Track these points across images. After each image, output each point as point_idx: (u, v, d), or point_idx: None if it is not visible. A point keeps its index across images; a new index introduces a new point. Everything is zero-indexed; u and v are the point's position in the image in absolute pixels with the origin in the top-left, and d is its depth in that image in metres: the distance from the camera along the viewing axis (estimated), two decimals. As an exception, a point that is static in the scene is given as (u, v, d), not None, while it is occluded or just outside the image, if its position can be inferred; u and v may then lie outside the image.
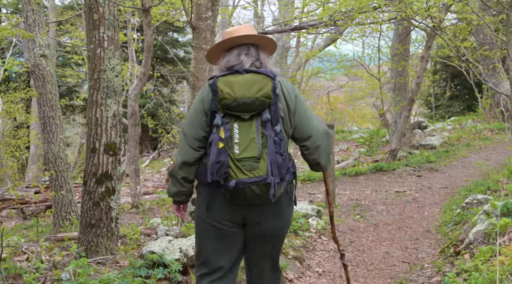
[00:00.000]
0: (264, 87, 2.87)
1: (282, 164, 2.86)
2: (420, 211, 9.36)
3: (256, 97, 2.84)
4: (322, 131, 3.09)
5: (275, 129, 2.88)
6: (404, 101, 14.08)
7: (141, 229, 7.33)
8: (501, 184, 9.93)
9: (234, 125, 2.86)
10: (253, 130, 2.85)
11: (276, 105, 2.93)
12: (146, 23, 10.21)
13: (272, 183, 2.79)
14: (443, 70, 24.77)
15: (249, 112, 2.87)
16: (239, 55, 3.08)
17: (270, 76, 2.92)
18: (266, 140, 2.84)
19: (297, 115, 3.04)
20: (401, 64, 13.98)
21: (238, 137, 2.83)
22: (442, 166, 12.99)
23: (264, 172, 2.79)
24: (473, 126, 17.68)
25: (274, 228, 3.10)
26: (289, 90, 3.05)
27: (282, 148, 2.88)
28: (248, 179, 2.78)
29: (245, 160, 2.80)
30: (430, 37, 12.48)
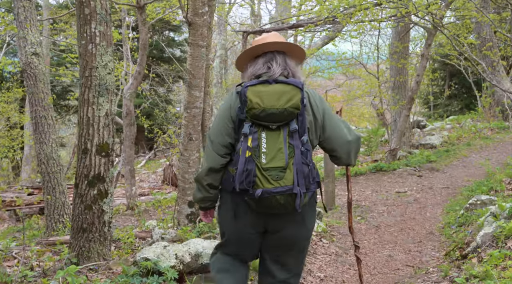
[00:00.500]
0: (293, 98, 2.88)
1: (308, 174, 2.88)
2: (422, 212, 9.15)
3: (284, 108, 2.85)
4: (353, 139, 3.12)
5: (302, 139, 2.90)
6: (403, 100, 13.86)
7: (136, 232, 7.10)
8: (504, 184, 9.73)
9: (262, 134, 2.88)
10: (281, 140, 2.87)
11: (304, 115, 2.95)
12: (141, 20, 9.97)
13: (298, 193, 2.82)
14: (441, 68, 24.58)
15: (277, 122, 2.89)
16: (266, 63, 3.12)
17: (299, 87, 2.92)
18: (293, 150, 2.86)
19: (326, 128, 3.08)
20: (401, 62, 13.74)
21: (265, 146, 2.86)
22: (443, 166, 12.78)
23: (290, 182, 2.81)
24: (473, 125, 17.46)
25: (294, 237, 3.13)
26: (317, 102, 3.08)
27: (309, 158, 2.90)
28: (274, 189, 2.80)
29: (272, 169, 2.82)
30: (430, 35, 12.27)
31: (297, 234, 3.12)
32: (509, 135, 15.99)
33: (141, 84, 17.31)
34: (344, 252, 6.81)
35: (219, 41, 17.23)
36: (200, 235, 6.25)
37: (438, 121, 22.20)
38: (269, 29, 13.66)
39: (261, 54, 3.18)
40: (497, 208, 5.98)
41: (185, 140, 6.50)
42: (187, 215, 6.65)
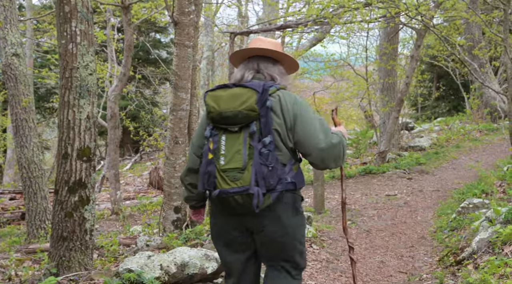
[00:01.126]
0: (248, 100, 2.91)
1: (268, 175, 2.89)
2: (413, 216, 9.00)
3: (238, 110, 2.89)
4: (325, 145, 3.03)
5: (263, 141, 2.91)
6: (392, 101, 13.73)
7: (120, 239, 6.86)
8: (495, 187, 9.61)
9: (222, 137, 2.95)
10: (240, 142, 2.91)
11: (268, 117, 2.95)
12: (126, 21, 9.74)
13: (255, 194, 2.84)
14: (429, 70, 24.52)
15: (236, 124, 2.93)
16: (242, 70, 3.20)
17: (256, 89, 2.93)
18: (252, 152, 2.89)
19: (297, 131, 3.03)
20: (390, 63, 13.59)
21: (224, 148, 2.92)
22: (432, 168, 12.66)
23: (247, 183, 2.85)
24: (461, 127, 17.36)
25: (274, 235, 3.09)
26: (289, 105, 3.04)
27: (270, 160, 2.90)
28: (231, 189, 2.85)
29: (230, 170, 2.88)
30: (419, 36, 12.14)
31: (276, 233, 3.08)
32: (498, 137, 15.90)
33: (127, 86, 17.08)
34: (335, 259, 6.62)
35: (206, 43, 17.01)
36: (187, 242, 6.05)
37: (426, 123, 22.11)
38: (257, 30, 13.48)
39: (250, 57, 3.24)
40: (492, 213, 5.82)
41: (171, 143, 6.29)
42: (173, 221, 6.44)
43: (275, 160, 2.92)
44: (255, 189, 2.84)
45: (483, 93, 18.30)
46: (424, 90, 24.50)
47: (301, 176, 3.16)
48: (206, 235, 6.47)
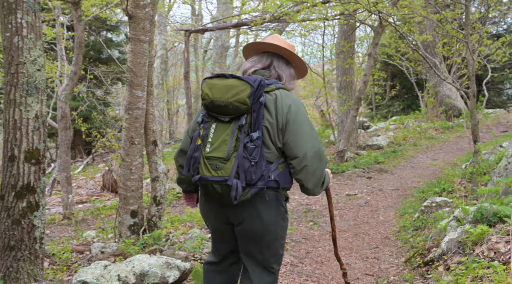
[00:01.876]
0: (240, 93, 2.91)
1: (250, 170, 2.89)
2: (374, 216, 8.87)
3: (230, 101, 2.91)
4: (313, 153, 3.04)
5: (251, 135, 2.92)
6: (350, 100, 13.64)
7: (73, 245, 6.46)
8: (456, 185, 9.57)
9: (212, 125, 2.99)
10: (228, 132, 2.93)
11: (259, 113, 2.96)
12: (76, 17, 9.30)
13: (233, 186, 2.85)
14: (383, 69, 24.57)
15: (227, 115, 2.95)
16: (253, 62, 3.28)
17: (251, 84, 2.93)
18: (238, 144, 2.90)
19: (287, 133, 3.03)
20: (348, 61, 13.49)
21: (212, 136, 2.95)
22: (391, 167, 12.61)
23: (227, 173, 2.86)
24: (417, 126, 17.42)
25: (252, 230, 3.12)
26: (285, 107, 3.03)
27: (254, 155, 2.90)
28: (211, 177, 2.88)
29: (213, 159, 2.90)
30: (377, 34, 12.06)
31: (255, 229, 3.10)
32: (453, 135, 16.04)
33: (78, 86, 16.53)
34: (300, 262, 6.40)
35: (160, 41, 16.56)
36: (145, 248, 5.72)
37: (382, 121, 22.20)
38: (212, 27, 13.21)
39: (265, 52, 3.31)
40: (460, 212, 5.70)
41: (127, 144, 5.94)
42: (129, 226, 6.09)
43: (259, 156, 2.93)
44: (234, 181, 2.85)
45: (438, 92, 18.44)
46: (378, 89, 24.66)
47: (288, 177, 3.14)
48: (165, 240, 6.16)
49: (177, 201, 10.79)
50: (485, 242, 4.80)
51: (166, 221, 8.34)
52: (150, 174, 6.50)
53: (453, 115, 18.31)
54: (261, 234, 3.13)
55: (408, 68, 20.64)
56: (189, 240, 6.25)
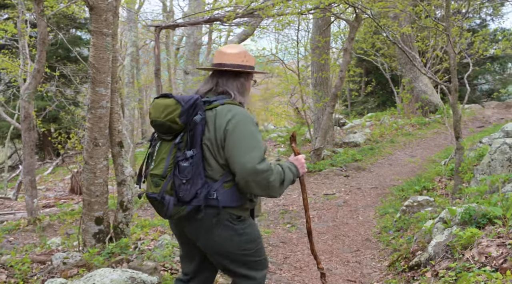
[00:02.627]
0: (172, 112, 2.97)
1: (181, 187, 2.91)
2: (354, 216, 8.56)
3: (163, 120, 2.99)
4: (250, 168, 2.91)
5: (185, 153, 2.95)
6: (326, 97, 13.32)
7: (33, 255, 5.99)
8: (436, 182, 9.31)
9: (157, 143, 3.09)
10: (166, 150, 3.01)
11: (195, 130, 2.97)
12: (38, 12, 8.77)
13: (165, 202, 2.94)
14: (357, 65, 24.37)
15: (165, 133, 3.04)
16: (201, 85, 3.28)
17: (181, 103, 2.98)
18: (174, 162, 2.96)
19: (225, 149, 3.00)
20: (323, 57, 13.15)
21: (156, 154, 3.06)
22: (368, 165, 12.32)
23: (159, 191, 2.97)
24: (394, 122, 17.17)
25: (209, 246, 3.15)
26: (223, 122, 3.00)
27: (186, 173, 2.92)
28: (151, 194, 3.00)
29: (154, 176, 3.00)
30: (352, 28, 11.75)
31: (208, 244, 3.13)
32: (430, 131, 15.83)
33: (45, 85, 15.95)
34: (278, 268, 6.05)
35: (130, 38, 16.11)
36: (110, 258, 5.30)
37: (357, 118, 21.96)
38: (184, 23, 12.77)
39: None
40: (447, 213, 5.38)
41: (90, 146, 5.49)
42: (94, 234, 5.66)
43: (192, 174, 2.93)
44: (166, 198, 2.94)
45: (414, 87, 18.22)
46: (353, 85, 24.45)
47: (234, 195, 3.05)
48: (133, 248, 5.75)
49: (149, 203, 10.34)
50: (476, 246, 4.49)
51: (136, 226, 7.94)
52: (116, 177, 6.07)
53: (429, 111, 18.10)
54: (218, 251, 3.16)
55: (383, 64, 20.43)
56: (159, 247, 5.85)
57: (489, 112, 18.99)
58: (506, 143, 7.26)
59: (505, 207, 5.00)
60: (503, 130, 9.97)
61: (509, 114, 18.81)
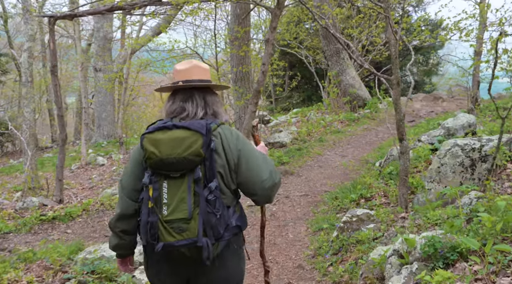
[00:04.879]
0: (193, 145, 2.65)
1: (217, 223, 2.67)
2: (283, 233, 7.33)
3: (183, 156, 2.63)
4: (271, 185, 2.79)
5: (209, 186, 2.66)
6: (248, 93, 12.04)
7: None
8: (374, 189, 8.19)
9: (164, 183, 2.68)
10: (184, 189, 2.65)
11: (212, 160, 2.71)
12: None
13: (204, 246, 2.62)
14: (281, 58, 23.23)
15: (179, 171, 2.66)
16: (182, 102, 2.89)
17: (201, 132, 2.67)
18: (198, 199, 2.64)
19: (240, 172, 2.80)
20: (243, 49, 11.81)
21: (166, 197, 2.66)
22: (297, 168, 11.11)
23: (195, 234, 2.62)
24: (321, 118, 16.00)
25: (216, 280, 2.86)
26: (231, 144, 2.80)
27: (217, 207, 2.68)
28: (177, 242, 2.61)
29: (174, 221, 2.62)
30: (275, 17, 10.47)
31: (218, 277, 2.85)
32: (360, 127, 14.80)
33: None
34: None
35: (27, 32, 14.23)
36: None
37: (282, 114, 20.84)
38: (82, 12, 11.21)
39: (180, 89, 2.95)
40: (402, 244, 4.16)
41: None
42: None
43: (222, 206, 2.71)
44: (204, 241, 2.62)
45: (341, 81, 17.19)
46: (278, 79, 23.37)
47: (245, 217, 2.94)
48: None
49: (40, 225, 8.70)
50: (448, 294, 3.30)
51: (17, 258, 6.38)
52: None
53: (358, 106, 17.14)
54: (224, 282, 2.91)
55: (307, 57, 19.40)
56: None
57: (417, 105, 18.30)
58: (457, 144, 6.18)
59: (479, 235, 3.85)
60: (443, 127, 9.01)
61: (437, 106, 18.21)
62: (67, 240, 7.98)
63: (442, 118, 13.41)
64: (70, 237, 8.15)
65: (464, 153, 6.06)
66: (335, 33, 6.42)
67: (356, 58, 6.33)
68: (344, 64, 17.14)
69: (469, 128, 8.87)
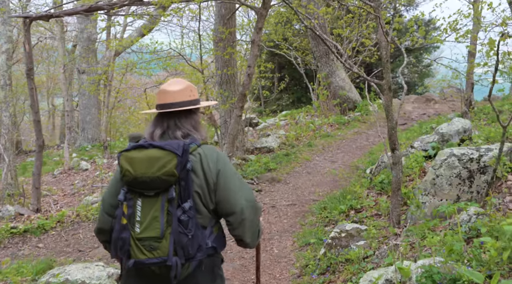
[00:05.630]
0: (167, 165, 2.60)
1: (188, 244, 2.60)
2: (267, 247, 6.87)
3: (157, 175, 2.59)
4: (249, 205, 2.76)
5: (183, 206, 2.62)
6: (234, 96, 11.54)
7: None
8: (365, 199, 7.73)
9: (138, 201, 2.64)
10: (157, 208, 2.61)
11: (188, 180, 2.65)
12: None
13: (173, 265, 2.57)
14: (269, 60, 22.72)
15: (153, 189, 2.62)
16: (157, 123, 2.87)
17: (176, 152, 2.62)
18: (171, 218, 2.60)
19: (218, 191, 2.74)
20: (228, 51, 11.31)
21: (140, 215, 2.64)
22: (284, 175, 10.63)
23: (165, 253, 2.57)
24: (310, 122, 15.48)
25: None
26: (211, 164, 2.76)
27: (190, 227, 2.62)
28: (147, 260, 2.58)
29: (146, 239, 2.59)
30: (260, 17, 10.00)
31: None
32: (350, 131, 14.34)
33: None
34: None
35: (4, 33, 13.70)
36: None
37: (271, 117, 20.35)
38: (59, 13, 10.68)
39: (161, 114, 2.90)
40: (396, 273, 3.69)
41: None
42: None
43: (195, 227, 2.64)
44: (174, 260, 2.56)
45: (331, 82, 16.71)
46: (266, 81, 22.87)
47: (222, 239, 2.84)
48: None
49: (11, 239, 8.14)
50: None
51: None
52: None
53: (348, 108, 16.67)
54: None
55: (296, 58, 18.92)
56: None
57: (409, 107, 17.89)
58: (454, 154, 5.72)
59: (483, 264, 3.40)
60: (437, 133, 8.57)
61: (429, 108, 17.82)
62: (38, 255, 7.47)
63: (435, 121, 12.98)
64: (42, 252, 7.63)
65: (462, 163, 5.60)
66: (321, 35, 5.94)
67: (344, 62, 5.86)
68: (334, 65, 16.67)
69: (465, 133, 8.43)
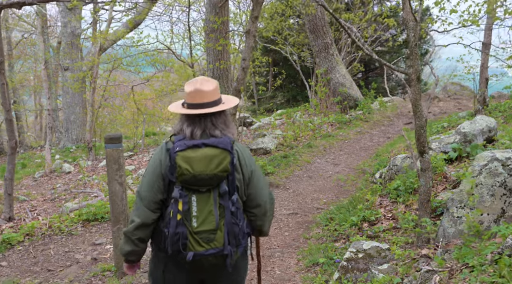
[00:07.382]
0: (223, 162, 2.82)
1: (239, 233, 2.85)
2: (268, 267, 5.95)
3: (214, 173, 2.79)
4: (269, 199, 3.07)
5: (232, 199, 2.85)
6: (227, 92, 10.53)
7: None
8: (379, 210, 6.71)
9: (192, 198, 2.83)
10: (211, 202, 2.82)
11: (233, 175, 2.88)
12: None
13: (228, 254, 2.82)
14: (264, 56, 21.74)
15: (207, 186, 2.81)
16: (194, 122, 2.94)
17: (228, 149, 2.84)
18: (223, 211, 2.82)
19: (250, 185, 2.97)
20: (221, 42, 10.27)
21: (196, 210, 2.81)
22: (283, 179, 9.61)
23: (221, 244, 2.80)
24: (309, 121, 14.43)
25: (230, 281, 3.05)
26: (246, 161, 2.97)
27: (239, 217, 2.87)
28: (205, 251, 2.79)
29: (203, 232, 2.78)
30: (256, 5, 9.02)
31: (231, 279, 3.04)
32: (352, 131, 13.33)
33: None
34: None
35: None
36: None
37: (266, 116, 19.32)
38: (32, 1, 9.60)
39: None
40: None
41: None
42: None
43: (241, 217, 2.89)
44: (228, 249, 2.80)
45: (330, 79, 15.69)
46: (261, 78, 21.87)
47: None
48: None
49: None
50: None
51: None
52: None
53: (349, 106, 15.65)
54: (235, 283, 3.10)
55: (292, 54, 17.92)
56: None
57: (412, 105, 16.88)
58: (497, 159, 4.71)
59: None
60: (458, 132, 7.58)
61: (434, 106, 16.90)
62: (0, 275, 6.44)
63: (446, 120, 11.98)
64: (5, 272, 6.58)
65: (507, 170, 4.59)
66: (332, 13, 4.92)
67: (362, 45, 4.83)
68: (334, 60, 15.67)
69: (490, 133, 7.46)
